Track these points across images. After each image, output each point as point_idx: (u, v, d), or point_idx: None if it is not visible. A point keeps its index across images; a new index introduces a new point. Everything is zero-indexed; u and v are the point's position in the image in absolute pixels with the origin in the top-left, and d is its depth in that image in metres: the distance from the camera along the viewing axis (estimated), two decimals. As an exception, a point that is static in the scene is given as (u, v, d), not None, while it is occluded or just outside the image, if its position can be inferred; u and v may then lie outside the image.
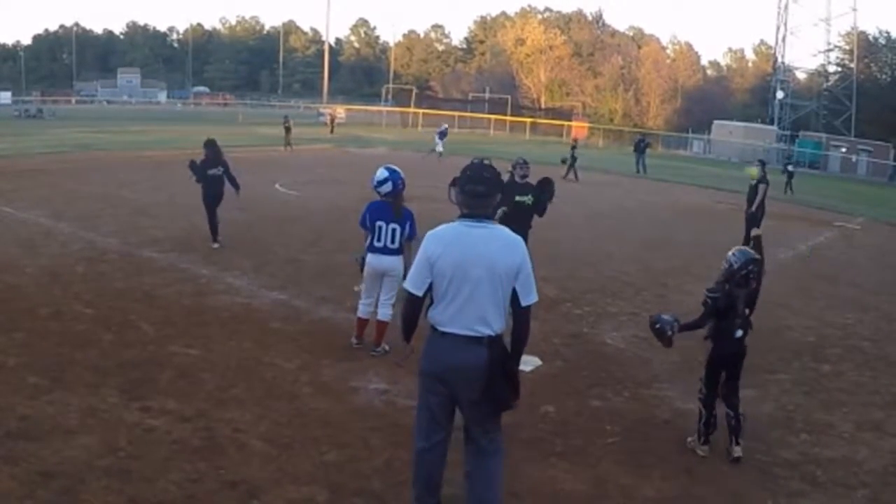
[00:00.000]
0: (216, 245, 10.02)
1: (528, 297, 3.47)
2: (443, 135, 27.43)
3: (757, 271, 4.91)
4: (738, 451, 4.86)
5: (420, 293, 3.48)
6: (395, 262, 6.18)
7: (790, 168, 25.12)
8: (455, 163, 8.19)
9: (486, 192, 3.45)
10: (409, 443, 4.73)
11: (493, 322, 3.43)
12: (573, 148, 24.19)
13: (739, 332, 4.90)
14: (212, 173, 9.88)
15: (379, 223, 6.14)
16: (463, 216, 3.49)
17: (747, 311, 4.97)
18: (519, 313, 3.50)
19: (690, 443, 4.99)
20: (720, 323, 4.87)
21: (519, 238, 3.53)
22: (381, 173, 6.23)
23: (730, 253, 4.95)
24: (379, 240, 6.15)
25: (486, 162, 3.59)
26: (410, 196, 6.55)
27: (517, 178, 7.52)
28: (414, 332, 3.62)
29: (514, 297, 3.46)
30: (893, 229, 18.76)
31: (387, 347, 6.31)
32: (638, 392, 5.94)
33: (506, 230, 3.54)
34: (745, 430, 4.91)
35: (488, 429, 3.57)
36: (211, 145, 9.95)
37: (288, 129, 26.89)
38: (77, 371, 5.47)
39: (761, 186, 12.51)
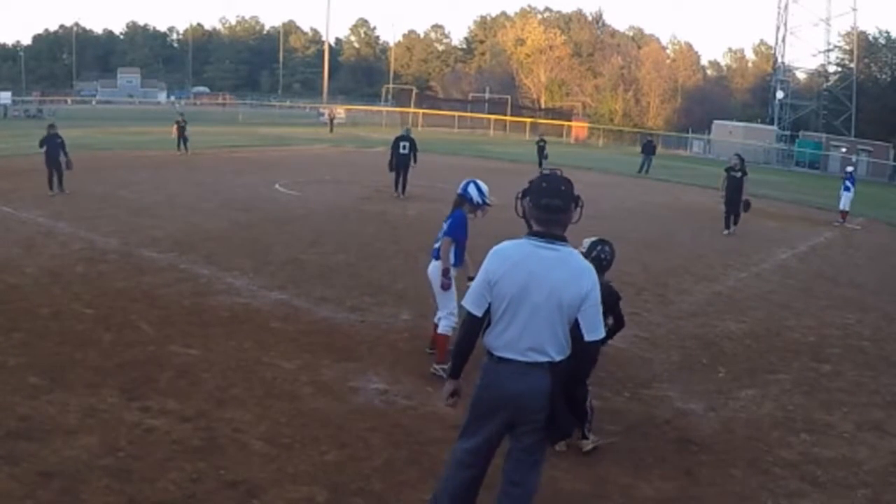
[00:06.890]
0: (51, 193, 13.45)
1: (593, 332, 3.13)
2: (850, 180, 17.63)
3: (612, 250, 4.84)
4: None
5: (479, 313, 3.17)
6: (431, 268, 5.95)
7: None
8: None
9: (563, 207, 3.12)
10: (409, 442, 4.76)
11: (553, 351, 3.13)
12: (542, 142, 26.19)
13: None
14: (51, 142, 14.06)
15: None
16: (532, 234, 3.17)
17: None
18: (580, 348, 3.16)
19: (595, 440, 4.80)
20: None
21: (590, 266, 3.20)
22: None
23: (597, 248, 4.79)
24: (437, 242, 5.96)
25: (559, 173, 3.29)
26: (410, 195, 6.54)
27: None
28: (466, 360, 3.30)
29: (577, 329, 3.12)
30: (893, 229, 18.75)
31: (443, 370, 5.69)
32: (638, 392, 5.93)
33: (577, 255, 3.21)
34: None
35: (534, 456, 3.28)
36: (50, 127, 14.42)
37: (181, 129, 22.94)
38: (77, 371, 5.47)
39: (745, 178, 14.58)
